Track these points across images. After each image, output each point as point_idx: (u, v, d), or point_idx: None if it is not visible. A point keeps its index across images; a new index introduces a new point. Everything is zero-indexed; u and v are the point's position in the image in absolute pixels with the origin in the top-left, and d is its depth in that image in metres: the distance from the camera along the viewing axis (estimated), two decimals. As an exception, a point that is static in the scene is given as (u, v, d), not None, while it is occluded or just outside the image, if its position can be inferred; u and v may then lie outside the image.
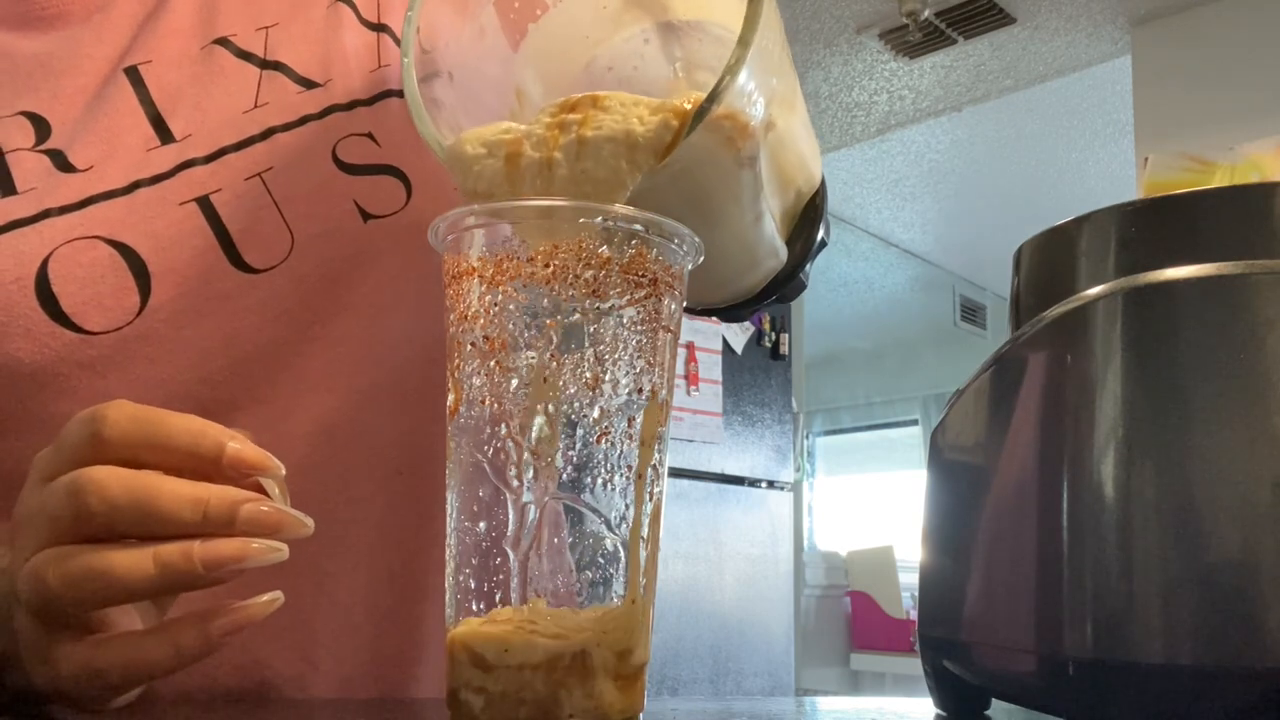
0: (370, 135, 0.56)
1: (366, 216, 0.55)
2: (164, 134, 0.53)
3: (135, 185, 0.52)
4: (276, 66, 0.57)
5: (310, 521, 0.37)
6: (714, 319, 3.47)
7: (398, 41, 0.60)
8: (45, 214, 0.50)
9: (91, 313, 0.49)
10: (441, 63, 0.44)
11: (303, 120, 0.55)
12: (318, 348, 0.54)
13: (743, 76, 0.37)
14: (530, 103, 0.47)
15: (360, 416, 0.55)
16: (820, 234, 0.52)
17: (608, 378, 0.37)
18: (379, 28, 0.61)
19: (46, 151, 0.52)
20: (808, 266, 0.53)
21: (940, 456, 0.43)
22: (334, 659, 0.55)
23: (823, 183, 0.52)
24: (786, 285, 0.53)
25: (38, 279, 0.48)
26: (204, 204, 0.52)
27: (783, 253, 0.50)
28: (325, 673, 0.54)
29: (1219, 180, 3.03)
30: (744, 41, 0.37)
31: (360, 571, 0.55)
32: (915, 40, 3.37)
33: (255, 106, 0.55)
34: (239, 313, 0.52)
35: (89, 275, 0.49)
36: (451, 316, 0.38)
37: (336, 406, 0.54)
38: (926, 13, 3.10)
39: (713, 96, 0.37)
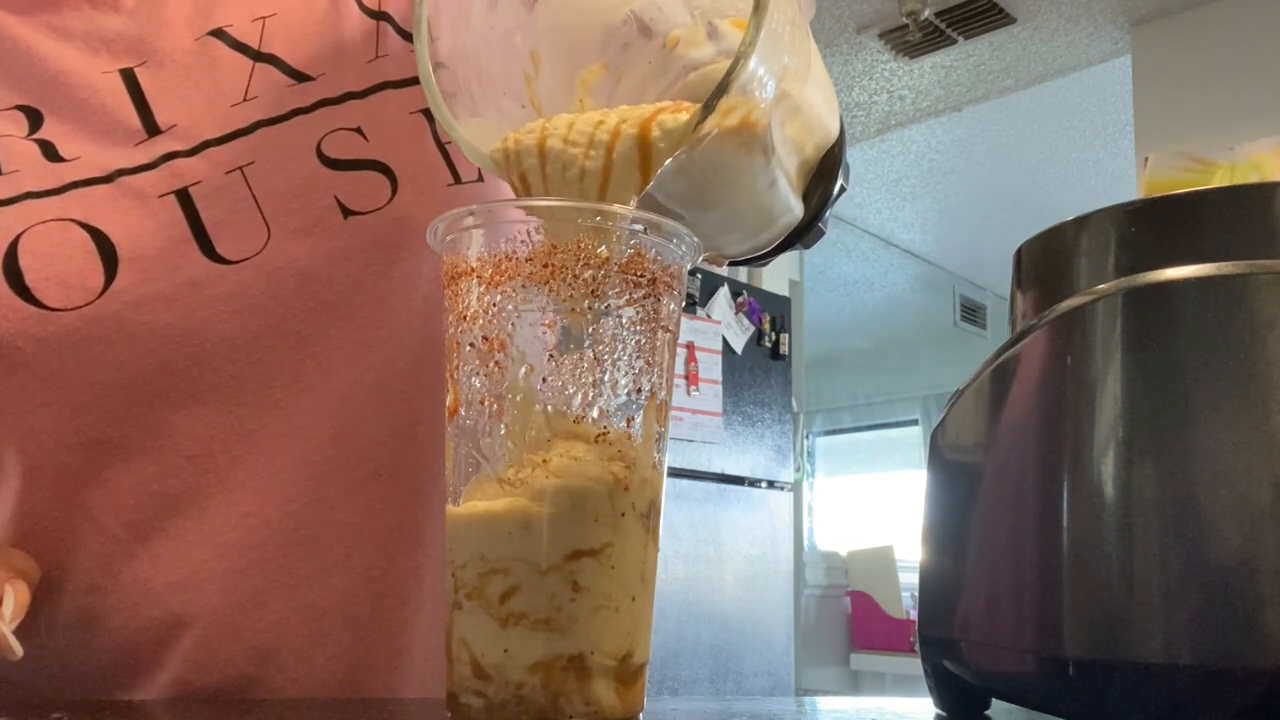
0: (359, 130, 0.55)
1: (347, 213, 0.54)
2: (151, 128, 0.53)
3: (118, 174, 0.52)
4: (270, 59, 0.56)
5: (18, 651, 0.43)
6: (717, 320, 3.47)
7: (398, 30, 0.59)
8: (25, 195, 0.50)
9: (53, 289, 0.49)
10: (453, 34, 0.44)
11: (291, 114, 0.55)
12: (290, 344, 0.53)
13: (749, 69, 0.38)
14: (545, 65, 0.47)
15: (338, 416, 0.54)
16: (839, 182, 0.52)
17: (606, 378, 0.37)
18: (380, 15, 0.60)
19: (37, 141, 0.52)
20: (826, 215, 0.53)
21: (940, 456, 0.43)
22: (305, 665, 0.53)
23: (842, 131, 0.52)
24: (805, 235, 0.53)
25: (6, 254, 0.49)
26: (182, 196, 0.52)
27: (798, 209, 0.50)
28: (295, 679, 0.53)
29: (1219, 180, 3.03)
30: (744, 51, 0.37)
31: (333, 575, 0.53)
32: (915, 40, 3.37)
33: (244, 100, 0.55)
34: (205, 302, 0.51)
35: (57, 254, 0.49)
36: (450, 317, 0.38)
37: (311, 406, 0.53)
38: (926, 13, 3.10)
39: (720, 89, 0.37)
